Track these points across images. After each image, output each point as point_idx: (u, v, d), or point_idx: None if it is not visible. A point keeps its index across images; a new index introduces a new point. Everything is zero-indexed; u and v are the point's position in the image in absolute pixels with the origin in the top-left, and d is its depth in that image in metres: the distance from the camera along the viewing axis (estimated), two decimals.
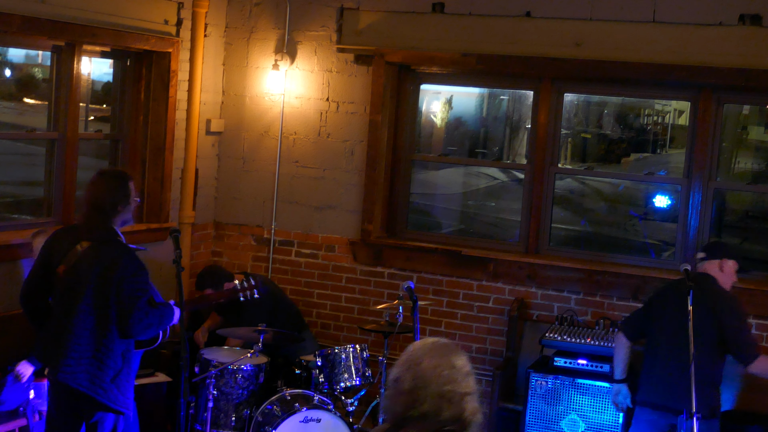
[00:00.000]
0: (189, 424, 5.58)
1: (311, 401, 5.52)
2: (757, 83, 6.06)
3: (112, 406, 4.40)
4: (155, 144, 6.83)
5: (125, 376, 4.44)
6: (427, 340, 2.69)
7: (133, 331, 4.36)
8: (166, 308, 4.50)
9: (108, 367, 4.35)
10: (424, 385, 2.55)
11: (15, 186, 6.94)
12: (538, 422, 5.94)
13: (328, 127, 7.14)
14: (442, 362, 2.58)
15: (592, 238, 7.84)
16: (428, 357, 2.60)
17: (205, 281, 6.27)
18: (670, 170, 7.80)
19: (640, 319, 5.34)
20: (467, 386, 2.58)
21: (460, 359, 2.62)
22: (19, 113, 6.95)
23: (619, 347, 5.37)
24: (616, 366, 5.42)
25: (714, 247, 5.42)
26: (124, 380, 4.44)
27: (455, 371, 2.58)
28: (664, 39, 6.20)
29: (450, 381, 2.56)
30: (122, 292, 4.31)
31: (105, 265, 4.35)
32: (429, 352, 2.61)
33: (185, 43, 6.90)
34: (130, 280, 4.36)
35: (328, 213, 7.18)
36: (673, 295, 5.11)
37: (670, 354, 5.05)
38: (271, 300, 6.40)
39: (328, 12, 7.04)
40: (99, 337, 4.33)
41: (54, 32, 5.82)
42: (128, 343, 4.45)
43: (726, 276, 5.22)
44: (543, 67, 6.52)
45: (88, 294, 4.32)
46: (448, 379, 2.56)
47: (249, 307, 5.86)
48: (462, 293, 6.83)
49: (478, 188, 9.08)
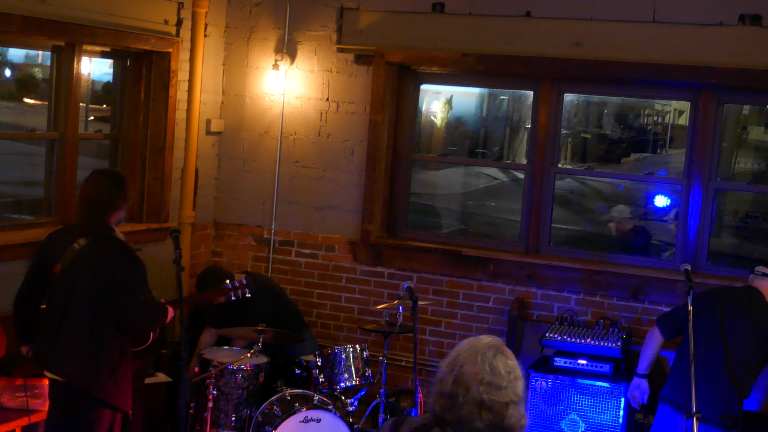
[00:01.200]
0: (189, 424, 5.58)
1: (311, 401, 5.52)
2: (757, 83, 6.06)
3: (110, 402, 4.40)
4: (155, 144, 6.82)
5: (123, 374, 4.44)
6: (479, 340, 2.60)
7: (132, 325, 4.40)
8: (160, 305, 4.55)
9: (105, 363, 4.36)
10: (463, 392, 2.48)
11: (15, 186, 6.94)
12: (538, 422, 5.93)
13: (328, 127, 7.14)
14: (485, 368, 2.49)
15: (592, 238, 7.84)
16: (471, 362, 2.51)
17: (205, 282, 6.28)
18: (670, 170, 7.79)
19: (681, 318, 5.16)
20: (510, 394, 2.48)
21: (507, 364, 2.51)
22: (19, 113, 6.95)
23: (652, 342, 5.30)
24: (643, 360, 5.36)
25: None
26: (122, 377, 4.44)
27: (498, 378, 2.48)
28: (664, 39, 6.20)
29: (491, 389, 2.47)
30: (120, 286, 4.34)
31: (102, 260, 4.38)
32: (473, 355, 2.53)
33: (185, 43, 6.90)
34: (128, 274, 4.39)
35: (328, 213, 7.18)
36: (721, 300, 5.06)
37: (707, 359, 4.94)
38: (273, 299, 6.40)
39: (328, 12, 7.04)
40: (96, 333, 4.34)
41: (54, 32, 5.82)
42: (126, 340, 4.46)
43: None
44: (543, 67, 6.52)
45: (84, 290, 4.34)
46: (488, 387, 2.47)
47: (252, 305, 5.89)
48: (462, 293, 6.83)
49: (478, 188, 9.07)
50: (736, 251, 7.37)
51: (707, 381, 4.91)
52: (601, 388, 5.82)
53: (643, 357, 5.37)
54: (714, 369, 4.97)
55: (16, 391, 5.06)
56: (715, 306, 5.09)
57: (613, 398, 5.78)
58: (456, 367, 2.52)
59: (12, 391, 5.06)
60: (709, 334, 5.00)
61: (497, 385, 2.46)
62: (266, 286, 6.45)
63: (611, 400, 5.78)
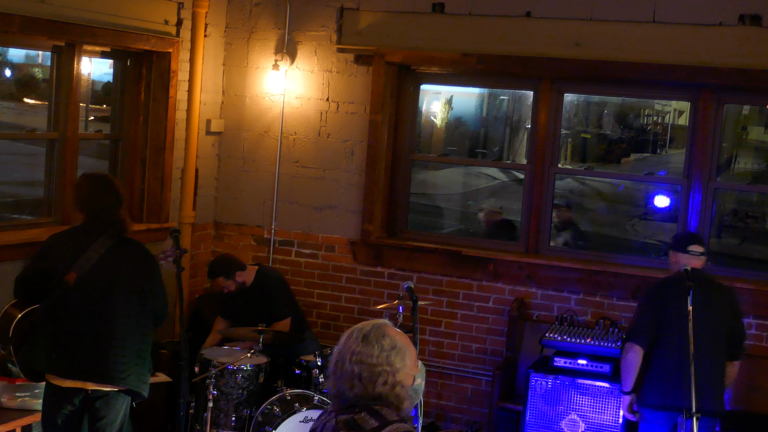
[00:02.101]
0: (189, 424, 5.58)
1: (311, 401, 5.52)
2: (757, 83, 6.06)
3: (146, 396, 4.60)
4: (155, 144, 6.82)
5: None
6: (363, 323, 2.79)
7: (164, 317, 4.72)
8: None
9: (147, 360, 4.54)
10: (340, 366, 2.70)
11: (15, 186, 6.94)
12: (538, 422, 5.93)
13: (328, 127, 7.14)
14: (358, 342, 2.69)
15: (592, 238, 7.84)
16: (346, 339, 2.74)
17: (217, 269, 6.33)
18: (670, 170, 7.80)
19: (651, 325, 5.15)
20: (382, 365, 2.67)
21: (383, 338, 2.71)
22: (19, 113, 6.95)
23: (636, 359, 5.18)
24: (630, 378, 5.24)
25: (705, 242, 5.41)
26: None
27: (369, 349, 2.68)
28: (664, 39, 6.20)
29: (361, 362, 2.67)
30: (156, 286, 4.57)
31: (134, 262, 4.51)
32: (350, 333, 2.75)
33: (185, 43, 6.90)
34: (157, 272, 4.62)
35: (328, 213, 7.18)
36: (677, 292, 4.99)
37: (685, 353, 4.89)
38: (285, 292, 6.53)
39: (328, 12, 7.04)
40: (141, 334, 4.48)
41: (54, 32, 5.82)
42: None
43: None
44: (543, 67, 6.52)
45: (123, 296, 4.39)
46: (359, 359, 2.68)
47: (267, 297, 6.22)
48: (462, 293, 6.83)
49: (478, 188, 9.08)
50: (736, 251, 7.38)
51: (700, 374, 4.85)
52: (601, 388, 5.82)
53: (630, 375, 5.23)
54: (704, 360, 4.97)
55: (16, 391, 5.07)
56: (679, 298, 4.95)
57: (613, 398, 5.78)
58: (337, 346, 2.76)
59: (12, 391, 5.07)
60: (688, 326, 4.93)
61: (368, 355, 2.67)
62: (277, 282, 6.54)
63: (611, 400, 5.78)
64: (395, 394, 2.70)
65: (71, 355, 4.39)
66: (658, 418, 5.17)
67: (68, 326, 4.40)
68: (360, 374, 2.67)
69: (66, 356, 4.40)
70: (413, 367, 2.76)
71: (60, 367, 4.42)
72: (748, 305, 6.04)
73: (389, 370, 2.68)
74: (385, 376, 2.68)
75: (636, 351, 5.19)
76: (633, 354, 5.20)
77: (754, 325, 6.10)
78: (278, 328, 6.23)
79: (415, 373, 2.77)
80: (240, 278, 6.31)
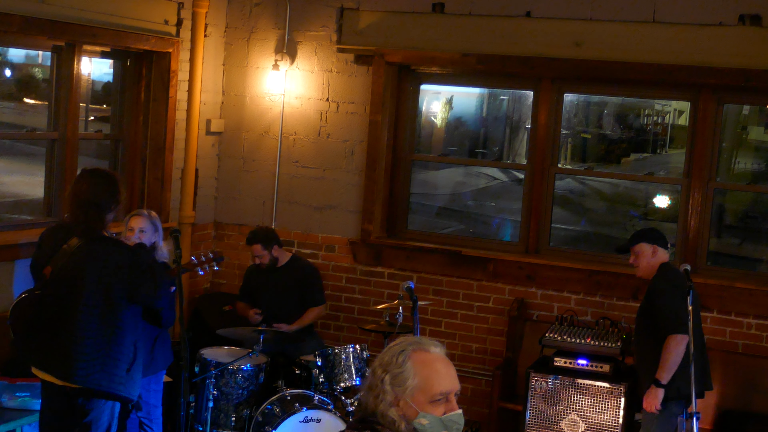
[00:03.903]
0: (189, 424, 5.58)
1: (311, 401, 5.52)
2: (757, 83, 6.05)
3: (130, 398, 4.48)
4: (155, 144, 6.83)
5: (137, 366, 4.50)
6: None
7: (166, 321, 4.59)
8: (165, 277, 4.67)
9: (122, 361, 4.39)
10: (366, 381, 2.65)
11: (15, 186, 6.94)
12: (538, 422, 5.93)
13: (328, 127, 7.14)
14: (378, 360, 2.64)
15: (592, 238, 7.84)
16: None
17: (259, 235, 6.38)
18: (670, 170, 7.80)
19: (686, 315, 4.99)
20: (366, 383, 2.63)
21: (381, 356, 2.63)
22: (19, 113, 6.96)
23: (682, 349, 5.07)
24: (671, 370, 5.10)
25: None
26: (137, 370, 4.50)
27: (383, 356, 2.62)
28: (664, 39, 6.20)
29: (373, 365, 2.64)
30: (136, 288, 4.38)
31: (102, 260, 4.36)
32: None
33: (185, 43, 6.90)
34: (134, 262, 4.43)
35: (328, 213, 7.18)
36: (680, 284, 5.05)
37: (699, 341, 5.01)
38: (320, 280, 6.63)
39: (328, 12, 7.04)
40: (107, 333, 4.34)
41: (54, 32, 5.82)
42: (137, 334, 4.49)
43: None
44: (543, 67, 6.52)
45: (87, 293, 4.32)
46: (373, 363, 2.64)
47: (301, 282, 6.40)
48: (462, 293, 6.83)
49: (478, 188, 9.07)
50: (736, 251, 7.38)
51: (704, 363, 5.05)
52: (601, 388, 5.82)
53: (672, 367, 5.09)
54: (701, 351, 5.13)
55: (16, 391, 5.07)
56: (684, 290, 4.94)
57: (613, 398, 5.78)
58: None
59: (12, 391, 5.07)
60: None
61: (379, 361, 2.62)
62: (313, 269, 6.62)
63: (611, 400, 5.78)
64: (390, 419, 2.54)
65: (42, 349, 4.41)
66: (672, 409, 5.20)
67: (42, 319, 4.41)
68: (369, 380, 2.60)
69: (39, 349, 4.43)
70: (422, 403, 2.53)
71: (35, 359, 4.46)
72: (748, 305, 6.04)
73: (384, 387, 2.55)
74: (377, 390, 2.56)
75: (683, 340, 5.02)
76: (682, 344, 5.04)
77: (754, 325, 6.10)
78: (312, 314, 6.39)
79: (422, 412, 2.53)
80: (276, 253, 6.35)
